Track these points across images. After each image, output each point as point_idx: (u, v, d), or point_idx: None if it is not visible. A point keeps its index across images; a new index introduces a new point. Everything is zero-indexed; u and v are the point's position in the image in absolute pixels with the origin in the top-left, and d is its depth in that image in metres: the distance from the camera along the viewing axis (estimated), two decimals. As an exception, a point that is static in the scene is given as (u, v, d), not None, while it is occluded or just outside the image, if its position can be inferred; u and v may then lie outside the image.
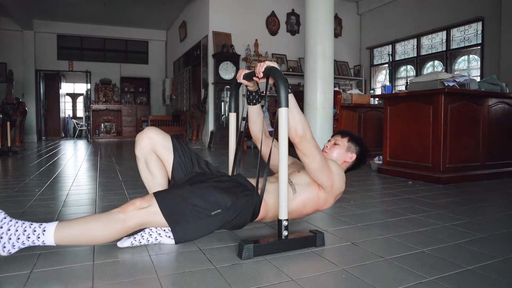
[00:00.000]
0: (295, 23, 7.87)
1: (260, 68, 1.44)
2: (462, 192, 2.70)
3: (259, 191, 1.47)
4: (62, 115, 11.50)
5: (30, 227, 1.22)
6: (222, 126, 7.12)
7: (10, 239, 1.20)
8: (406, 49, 7.66)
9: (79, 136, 12.35)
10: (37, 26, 9.77)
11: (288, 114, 1.37)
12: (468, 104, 3.21)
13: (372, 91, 7.01)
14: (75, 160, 4.85)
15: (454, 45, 6.66)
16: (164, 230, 1.45)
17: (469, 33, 6.38)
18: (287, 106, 1.35)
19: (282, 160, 1.36)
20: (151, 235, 1.44)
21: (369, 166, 4.01)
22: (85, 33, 10.31)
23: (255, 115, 1.74)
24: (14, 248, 1.22)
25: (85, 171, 3.76)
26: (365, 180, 3.24)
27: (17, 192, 2.61)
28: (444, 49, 6.79)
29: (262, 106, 1.77)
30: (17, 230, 1.21)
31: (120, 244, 1.43)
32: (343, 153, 1.75)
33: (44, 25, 9.86)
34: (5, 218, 1.23)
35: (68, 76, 12.03)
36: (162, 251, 1.41)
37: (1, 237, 1.20)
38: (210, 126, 7.31)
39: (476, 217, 1.97)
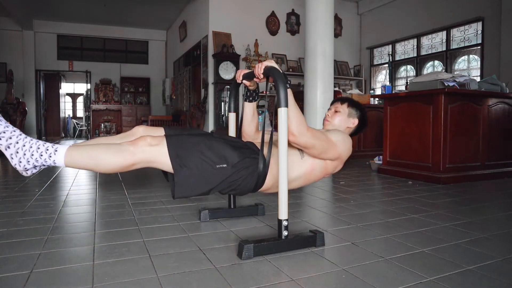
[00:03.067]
0: (295, 23, 7.87)
1: (259, 70, 1.44)
2: (462, 192, 2.70)
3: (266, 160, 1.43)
4: (62, 115, 11.49)
5: (44, 145, 1.27)
6: (222, 126, 7.11)
7: (25, 154, 1.24)
8: (406, 49, 7.65)
9: (79, 136, 12.34)
10: (37, 26, 9.77)
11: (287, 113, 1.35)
12: (468, 104, 3.21)
13: (372, 91, 6.99)
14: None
15: (454, 45, 6.65)
16: None
17: (469, 33, 6.38)
18: (286, 106, 1.35)
19: (282, 160, 1.36)
20: None
21: (369, 166, 4.01)
22: (85, 33, 10.30)
23: (250, 115, 1.74)
24: (29, 164, 1.25)
25: (85, 171, 3.76)
26: (365, 180, 3.24)
27: (17, 192, 2.61)
28: (444, 49, 6.78)
29: (263, 106, 1.77)
30: (31, 147, 1.25)
31: None
32: (345, 119, 1.76)
33: (44, 25, 9.85)
34: (20, 135, 1.27)
35: (68, 76, 12.02)
36: (162, 251, 1.41)
37: (17, 152, 1.23)
38: (210, 126, 7.30)
39: (476, 217, 1.97)
